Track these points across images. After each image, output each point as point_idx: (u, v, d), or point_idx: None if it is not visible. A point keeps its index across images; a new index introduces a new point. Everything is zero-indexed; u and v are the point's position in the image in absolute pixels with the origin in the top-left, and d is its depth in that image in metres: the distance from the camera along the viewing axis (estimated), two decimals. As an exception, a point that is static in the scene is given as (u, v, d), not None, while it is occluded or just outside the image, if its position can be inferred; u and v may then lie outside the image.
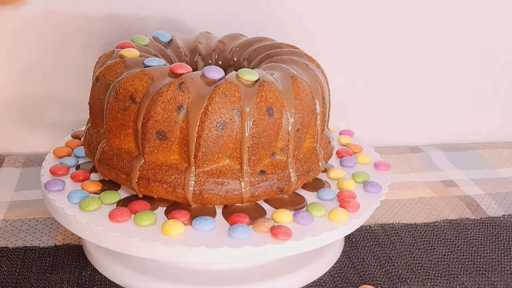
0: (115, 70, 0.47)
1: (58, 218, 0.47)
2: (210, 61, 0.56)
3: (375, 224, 0.59)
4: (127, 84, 0.45)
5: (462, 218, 0.61)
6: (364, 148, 0.59)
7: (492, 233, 0.59)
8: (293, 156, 0.47)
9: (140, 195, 0.47)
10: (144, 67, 0.47)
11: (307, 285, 0.50)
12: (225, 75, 0.46)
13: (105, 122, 0.47)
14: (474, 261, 0.54)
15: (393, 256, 0.54)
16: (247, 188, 0.46)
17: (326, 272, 0.52)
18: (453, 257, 0.55)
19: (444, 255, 0.55)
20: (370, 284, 0.50)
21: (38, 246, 0.53)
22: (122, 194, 0.48)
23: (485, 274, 0.52)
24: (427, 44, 0.74)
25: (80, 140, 0.56)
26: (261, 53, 0.54)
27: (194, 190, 0.45)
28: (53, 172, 0.50)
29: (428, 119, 0.78)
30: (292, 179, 0.47)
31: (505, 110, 0.80)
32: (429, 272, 0.52)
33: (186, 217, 0.45)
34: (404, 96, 0.76)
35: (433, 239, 0.57)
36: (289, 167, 0.47)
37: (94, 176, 0.50)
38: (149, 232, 0.43)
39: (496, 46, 0.76)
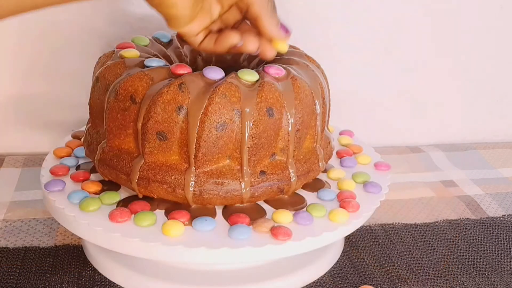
0: (115, 70, 0.47)
1: (58, 218, 0.47)
2: (210, 62, 0.55)
3: (375, 224, 0.59)
4: (127, 85, 0.45)
5: (462, 218, 0.61)
6: (364, 148, 0.59)
7: (492, 233, 0.59)
8: (293, 157, 0.47)
9: (140, 196, 0.47)
10: (144, 68, 0.47)
11: (307, 285, 0.50)
12: (225, 75, 0.46)
13: (105, 123, 0.47)
14: (474, 261, 0.54)
15: (393, 256, 0.54)
16: (247, 189, 0.46)
17: (326, 272, 0.51)
18: (453, 257, 0.55)
19: (444, 255, 0.55)
20: (370, 284, 0.50)
21: (38, 246, 0.53)
22: (122, 194, 0.48)
23: (485, 274, 0.52)
24: (427, 45, 0.73)
25: (80, 140, 0.56)
26: (261, 53, 0.54)
27: (194, 191, 0.45)
28: (53, 172, 0.50)
29: (428, 119, 0.78)
30: (292, 180, 0.47)
31: (505, 110, 0.80)
32: (429, 272, 0.52)
33: (186, 218, 0.45)
34: (404, 96, 0.76)
35: (433, 239, 0.57)
36: (289, 167, 0.47)
37: (94, 177, 0.50)
38: (149, 232, 0.43)
39: (496, 47, 0.76)
